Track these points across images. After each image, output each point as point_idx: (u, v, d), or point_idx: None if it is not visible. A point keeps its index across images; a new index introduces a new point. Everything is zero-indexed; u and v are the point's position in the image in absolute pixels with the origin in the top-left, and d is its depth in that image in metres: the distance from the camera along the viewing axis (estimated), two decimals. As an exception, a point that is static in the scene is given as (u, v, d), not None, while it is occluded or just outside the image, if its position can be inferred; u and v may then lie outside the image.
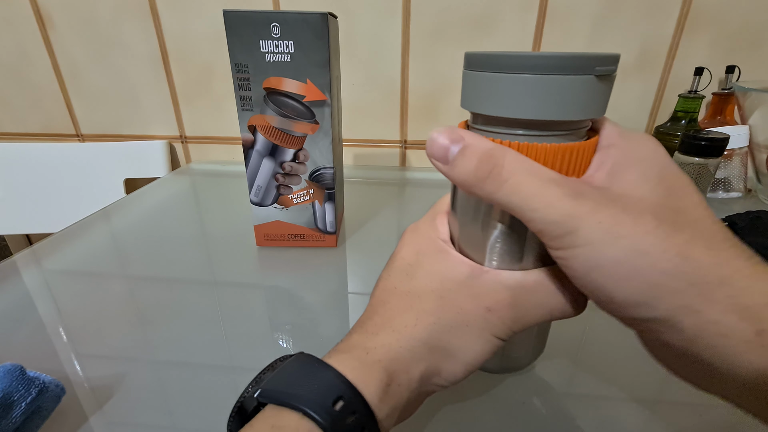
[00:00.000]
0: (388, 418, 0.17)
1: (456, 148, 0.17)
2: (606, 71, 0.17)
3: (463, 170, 0.17)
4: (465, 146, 0.17)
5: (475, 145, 0.17)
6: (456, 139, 0.18)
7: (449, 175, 0.18)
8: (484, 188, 0.17)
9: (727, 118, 0.61)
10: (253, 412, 0.17)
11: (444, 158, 0.18)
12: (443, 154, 0.18)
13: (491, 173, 0.17)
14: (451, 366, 0.19)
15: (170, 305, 0.36)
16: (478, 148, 0.17)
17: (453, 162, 0.18)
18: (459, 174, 0.18)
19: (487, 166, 0.17)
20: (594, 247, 0.15)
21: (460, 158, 0.17)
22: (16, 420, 0.22)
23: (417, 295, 0.20)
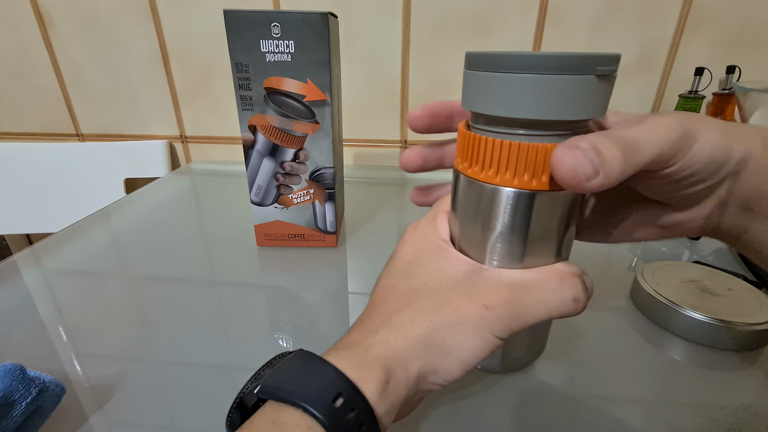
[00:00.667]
0: (387, 415, 0.17)
1: (591, 153, 0.16)
2: (607, 71, 0.17)
3: (615, 164, 0.16)
4: (590, 145, 0.16)
5: (599, 141, 0.16)
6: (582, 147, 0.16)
7: (604, 183, 0.16)
8: (634, 162, 0.17)
9: (727, 118, 0.61)
10: (253, 408, 0.18)
11: (594, 171, 0.16)
12: (592, 168, 0.16)
13: (630, 148, 0.16)
14: (448, 364, 0.19)
15: (170, 305, 0.36)
16: (604, 141, 0.16)
17: (600, 165, 0.16)
18: (612, 172, 0.16)
19: (625, 146, 0.16)
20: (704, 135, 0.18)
21: (605, 159, 0.16)
22: (17, 419, 0.22)
23: (415, 293, 0.20)
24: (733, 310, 0.31)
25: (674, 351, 0.31)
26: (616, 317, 0.34)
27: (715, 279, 0.35)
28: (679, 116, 0.18)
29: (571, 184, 0.16)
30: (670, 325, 0.32)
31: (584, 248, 0.26)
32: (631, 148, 0.16)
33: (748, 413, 0.26)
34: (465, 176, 0.21)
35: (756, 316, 0.30)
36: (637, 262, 0.43)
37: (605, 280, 0.39)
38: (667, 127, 0.17)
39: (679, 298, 0.32)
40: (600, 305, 0.35)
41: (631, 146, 0.16)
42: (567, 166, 0.16)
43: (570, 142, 0.16)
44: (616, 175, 0.16)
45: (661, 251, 0.45)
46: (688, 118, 0.18)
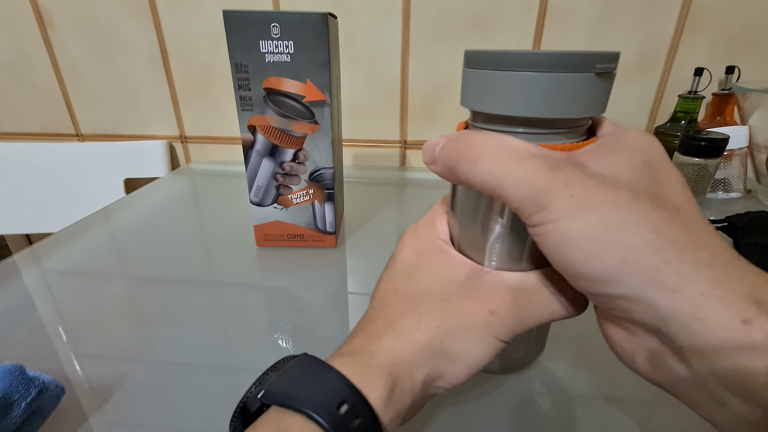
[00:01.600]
0: (392, 423, 0.17)
1: (440, 145, 0.18)
2: (606, 69, 0.17)
3: (443, 159, 0.18)
4: (446, 140, 0.18)
5: (453, 135, 0.18)
6: (440, 139, 0.19)
7: (436, 171, 0.19)
8: (461, 170, 0.17)
9: (726, 118, 0.61)
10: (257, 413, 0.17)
11: (432, 157, 0.19)
12: (431, 155, 0.19)
13: (464, 152, 0.17)
14: (454, 369, 0.19)
15: (170, 305, 0.36)
16: (454, 136, 0.18)
17: (437, 156, 0.18)
18: (441, 164, 0.18)
19: (459, 147, 0.17)
20: (564, 222, 0.15)
21: (441, 151, 0.18)
22: (16, 420, 0.22)
23: (419, 298, 0.20)
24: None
25: (674, 351, 0.31)
26: (616, 317, 0.34)
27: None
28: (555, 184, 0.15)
29: (423, 160, 0.19)
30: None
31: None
32: (465, 157, 0.17)
33: (747, 413, 0.26)
34: (464, 177, 0.21)
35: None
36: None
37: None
38: (523, 178, 0.15)
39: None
40: (599, 305, 0.35)
41: (467, 156, 0.17)
42: (424, 146, 0.19)
43: (445, 137, 0.18)
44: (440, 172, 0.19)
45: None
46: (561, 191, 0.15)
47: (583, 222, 0.14)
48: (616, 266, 0.14)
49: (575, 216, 0.15)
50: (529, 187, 0.15)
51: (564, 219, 0.15)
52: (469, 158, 0.17)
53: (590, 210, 0.14)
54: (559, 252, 0.15)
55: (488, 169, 0.16)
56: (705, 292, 0.13)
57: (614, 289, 0.15)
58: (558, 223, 0.15)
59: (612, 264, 0.14)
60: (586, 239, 0.14)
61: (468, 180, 0.17)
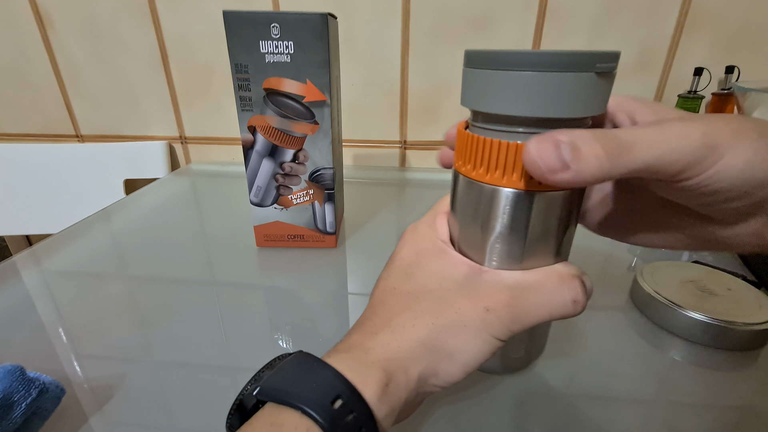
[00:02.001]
0: (387, 418, 0.17)
1: (565, 148, 0.16)
2: (606, 68, 0.17)
3: (590, 163, 0.16)
4: (570, 142, 0.16)
5: (581, 136, 0.16)
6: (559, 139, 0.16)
7: (567, 177, 0.16)
8: (622, 164, 0.16)
9: (726, 118, 0.61)
10: (252, 410, 0.18)
11: (561, 164, 0.16)
12: (558, 161, 0.16)
13: (618, 150, 0.16)
14: (449, 366, 0.19)
15: (170, 305, 0.36)
16: (587, 137, 0.16)
17: (570, 161, 0.16)
18: (584, 168, 0.16)
19: (611, 145, 0.16)
20: (734, 148, 0.16)
21: (582, 154, 0.16)
22: (16, 421, 0.22)
23: (416, 296, 0.20)
24: (733, 310, 0.31)
25: (674, 351, 0.31)
26: (616, 317, 0.34)
27: (715, 279, 0.35)
28: (711, 123, 0.16)
29: (534, 174, 0.16)
30: (670, 325, 0.32)
31: (584, 248, 0.26)
32: (620, 148, 0.16)
33: (748, 413, 0.26)
34: (464, 177, 0.21)
35: (755, 316, 0.30)
36: (636, 262, 0.43)
37: (605, 280, 0.39)
38: (684, 134, 0.16)
39: (679, 298, 0.32)
40: (600, 305, 0.35)
41: (621, 147, 0.16)
42: (530, 156, 0.16)
43: (548, 134, 0.16)
44: (593, 172, 0.16)
45: (661, 251, 0.45)
46: (721, 128, 0.16)
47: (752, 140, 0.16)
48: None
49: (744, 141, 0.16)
50: (693, 139, 0.16)
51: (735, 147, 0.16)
52: (623, 150, 0.16)
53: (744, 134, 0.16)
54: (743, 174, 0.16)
55: (649, 147, 0.16)
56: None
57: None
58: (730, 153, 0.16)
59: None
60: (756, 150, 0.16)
61: (630, 170, 0.16)
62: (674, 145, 0.16)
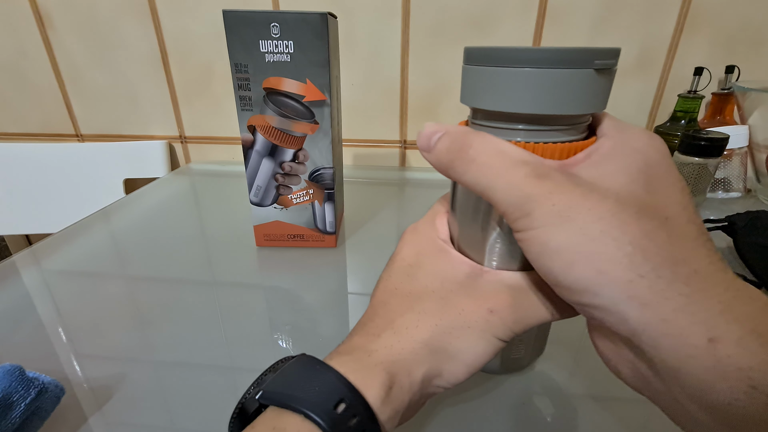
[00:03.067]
0: (390, 421, 0.17)
1: (437, 135, 0.18)
2: (605, 65, 0.17)
3: (438, 153, 0.18)
4: (444, 132, 0.18)
5: (452, 130, 0.18)
6: (439, 128, 0.18)
7: (429, 160, 0.19)
8: (455, 169, 0.18)
9: (726, 118, 0.61)
10: (255, 414, 0.17)
11: (428, 146, 0.18)
12: (427, 143, 0.18)
13: (460, 153, 0.17)
14: (453, 367, 0.19)
15: (170, 305, 0.36)
16: (453, 132, 0.18)
17: (432, 147, 0.18)
18: (435, 157, 0.18)
19: (456, 146, 0.17)
20: (545, 230, 0.15)
21: (438, 143, 0.18)
22: (16, 421, 0.22)
23: (418, 296, 0.20)
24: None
25: (674, 351, 0.31)
26: (616, 317, 0.34)
27: (715, 279, 0.35)
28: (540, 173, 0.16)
29: (418, 145, 0.19)
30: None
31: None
32: (459, 154, 0.17)
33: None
34: (464, 176, 0.21)
35: (755, 316, 0.30)
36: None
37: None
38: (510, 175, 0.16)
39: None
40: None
41: (461, 154, 0.17)
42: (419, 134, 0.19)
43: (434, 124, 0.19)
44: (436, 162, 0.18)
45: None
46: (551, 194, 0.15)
47: (563, 231, 0.15)
48: (592, 277, 0.14)
49: (556, 225, 0.15)
50: (515, 194, 0.16)
51: (545, 227, 0.15)
52: (464, 159, 0.17)
53: (570, 220, 0.15)
54: (539, 259, 0.16)
55: (480, 171, 0.17)
56: (676, 307, 0.13)
57: (590, 299, 0.15)
58: (539, 231, 0.15)
59: (588, 274, 0.14)
60: (564, 249, 0.15)
61: (459, 179, 0.18)
62: (500, 185, 0.16)
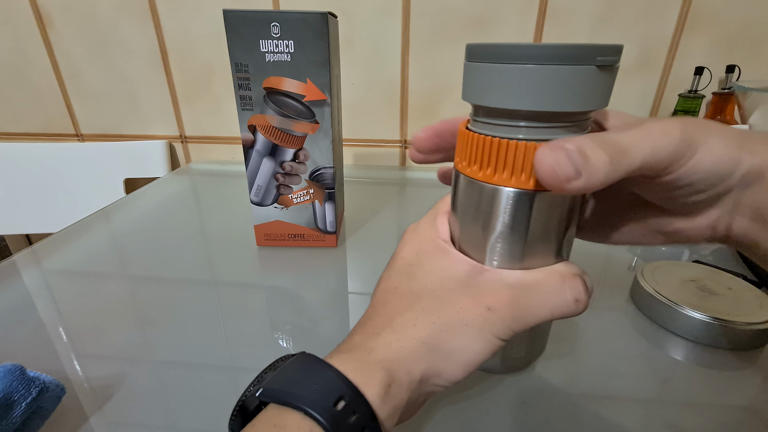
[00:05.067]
0: (390, 419, 0.17)
1: (575, 155, 0.16)
2: (607, 61, 0.17)
3: (600, 167, 0.16)
4: (578, 150, 0.16)
5: (584, 143, 0.16)
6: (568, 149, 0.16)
7: (587, 185, 0.16)
8: (624, 166, 0.16)
9: (727, 117, 0.61)
10: (255, 412, 0.17)
11: (575, 171, 0.16)
12: (571, 169, 0.16)
13: (619, 152, 0.16)
14: (451, 366, 0.19)
15: (170, 305, 0.36)
16: (590, 144, 0.16)
17: (583, 166, 0.16)
18: (597, 174, 0.16)
19: (612, 148, 0.16)
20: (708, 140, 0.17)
21: (587, 160, 0.16)
22: (17, 420, 0.22)
23: (417, 295, 0.20)
24: (733, 310, 0.31)
25: (674, 350, 0.31)
26: (616, 317, 0.34)
27: (715, 278, 0.35)
28: (683, 123, 0.17)
29: (551, 184, 0.16)
30: (670, 324, 0.32)
31: (584, 248, 0.26)
32: (620, 152, 0.16)
33: (748, 413, 0.26)
34: (465, 176, 0.21)
35: (756, 315, 0.30)
36: (637, 261, 0.43)
37: (605, 280, 0.39)
38: (665, 133, 0.17)
39: (679, 297, 0.32)
40: (600, 305, 0.35)
41: (620, 150, 0.16)
42: (547, 166, 0.16)
43: (555, 143, 0.16)
44: (601, 178, 0.16)
45: (661, 251, 0.45)
46: (693, 125, 0.17)
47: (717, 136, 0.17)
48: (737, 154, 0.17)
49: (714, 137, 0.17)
50: (673, 136, 0.17)
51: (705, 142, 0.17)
52: (623, 151, 0.16)
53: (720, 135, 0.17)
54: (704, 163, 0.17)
55: (643, 146, 0.17)
56: None
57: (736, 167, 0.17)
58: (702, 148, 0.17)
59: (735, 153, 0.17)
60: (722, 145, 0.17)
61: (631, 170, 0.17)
62: (660, 143, 0.17)
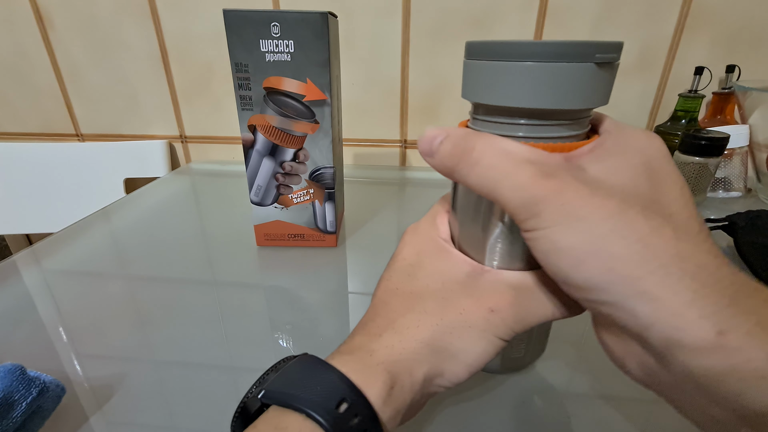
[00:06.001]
0: (392, 421, 0.17)
1: (439, 139, 0.18)
2: (607, 59, 0.16)
3: (441, 157, 0.18)
4: (446, 135, 0.18)
5: (454, 133, 0.18)
6: (440, 132, 0.18)
7: (432, 164, 0.18)
8: (460, 172, 0.17)
9: (727, 117, 0.61)
10: (257, 414, 0.17)
11: (430, 150, 0.18)
12: (429, 147, 0.18)
13: (463, 156, 0.17)
14: (454, 367, 0.19)
15: (170, 305, 0.36)
16: (455, 135, 0.18)
17: (435, 151, 0.18)
18: (438, 161, 0.18)
19: (458, 148, 0.17)
20: (554, 230, 0.15)
21: (440, 146, 0.18)
22: (17, 420, 0.22)
23: (419, 296, 0.20)
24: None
25: (674, 350, 0.31)
26: (617, 317, 0.34)
27: (716, 278, 0.35)
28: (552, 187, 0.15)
29: (419, 149, 0.19)
30: (671, 324, 0.32)
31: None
32: (462, 157, 0.17)
33: (748, 413, 0.26)
34: (465, 176, 0.20)
35: (756, 315, 0.30)
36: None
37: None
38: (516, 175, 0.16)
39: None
40: (600, 305, 0.35)
41: (464, 156, 0.17)
42: (420, 138, 0.19)
43: (435, 127, 0.19)
44: (439, 165, 0.18)
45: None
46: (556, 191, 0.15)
47: (572, 231, 0.15)
48: (601, 275, 0.15)
49: (565, 224, 0.15)
50: (522, 194, 0.16)
51: (554, 227, 0.15)
52: (467, 162, 0.17)
53: (579, 219, 0.15)
54: (548, 258, 0.16)
55: (485, 174, 0.16)
56: (685, 302, 0.14)
57: (599, 296, 0.15)
58: (548, 231, 0.15)
59: (598, 273, 0.15)
60: (573, 248, 0.15)
61: (464, 181, 0.17)
62: (506, 186, 0.16)
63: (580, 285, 0.15)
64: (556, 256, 0.15)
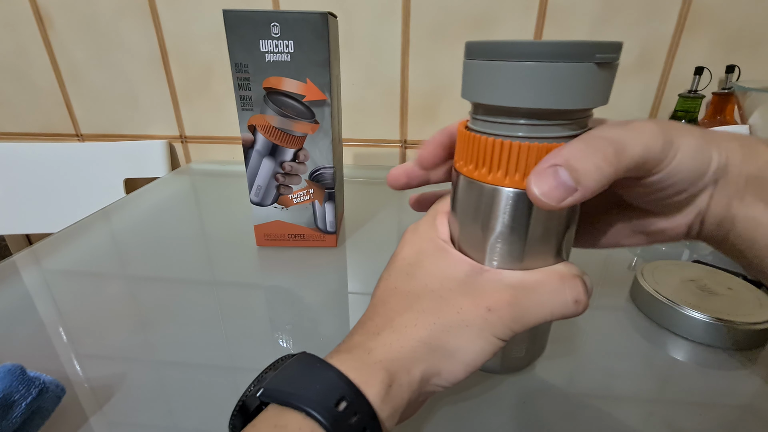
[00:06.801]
0: (390, 419, 0.17)
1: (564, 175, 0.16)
2: (606, 59, 0.16)
3: (595, 174, 0.16)
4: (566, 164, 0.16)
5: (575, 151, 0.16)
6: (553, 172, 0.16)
7: (585, 196, 0.16)
8: (621, 165, 0.17)
9: (727, 117, 0.61)
10: (255, 412, 0.17)
11: (571, 188, 0.16)
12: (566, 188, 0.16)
13: (615, 152, 0.16)
14: (451, 366, 0.19)
15: (170, 305, 0.36)
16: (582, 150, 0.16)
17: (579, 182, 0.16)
18: (591, 183, 0.16)
19: (609, 150, 0.16)
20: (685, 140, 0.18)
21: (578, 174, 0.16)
22: (17, 420, 0.22)
23: (417, 295, 0.20)
24: (733, 310, 0.31)
25: (674, 350, 0.31)
26: (616, 317, 0.34)
27: (715, 278, 0.35)
28: (659, 123, 0.18)
29: (548, 207, 0.17)
30: (670, 324, 0.32)
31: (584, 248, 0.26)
32: (616, 152, 0.16)
33: (748, 413, 0.26)
34: (464, 176, 0.21)
35: (756, 315, 0.30)
36: (637, 261, 0.43)
37: (605, 279, 0.39)
38: (653, 132, 0.17)
39: (679, 297, 0.32)
40: (600, 305, 0.35)
41: (616, 150, 0.17)
42: (535, 195, 0.17)
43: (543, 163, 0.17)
44: (595, 186, 0.16)
45: (661, 251, 0.45)
46: (667, 126, 0.18)
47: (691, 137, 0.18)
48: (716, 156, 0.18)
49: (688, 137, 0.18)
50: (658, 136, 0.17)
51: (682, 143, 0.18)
52: (616, 152, 0.17)
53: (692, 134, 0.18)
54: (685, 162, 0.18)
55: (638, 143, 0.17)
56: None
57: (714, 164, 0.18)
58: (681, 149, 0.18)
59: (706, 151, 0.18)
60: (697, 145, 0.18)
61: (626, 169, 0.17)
62: (649, 143, 0.17)
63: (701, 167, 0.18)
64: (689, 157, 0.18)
